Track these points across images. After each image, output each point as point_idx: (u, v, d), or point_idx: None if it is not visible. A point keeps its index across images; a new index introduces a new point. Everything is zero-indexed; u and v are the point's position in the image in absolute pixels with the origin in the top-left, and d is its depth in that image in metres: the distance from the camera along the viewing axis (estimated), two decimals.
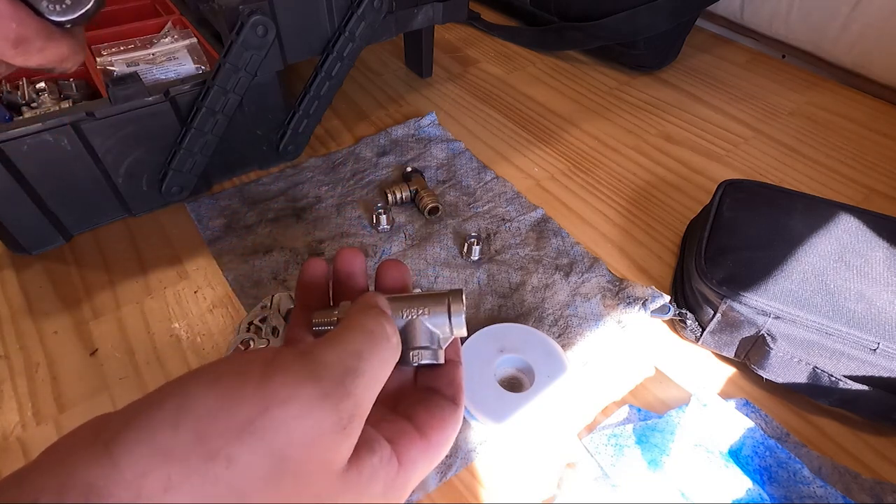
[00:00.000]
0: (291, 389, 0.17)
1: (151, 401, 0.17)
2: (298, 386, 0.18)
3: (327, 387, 0.18)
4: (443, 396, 0.25)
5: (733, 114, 0.77)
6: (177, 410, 0.17)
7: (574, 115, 0.77)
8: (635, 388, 0.46)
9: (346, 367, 0.19)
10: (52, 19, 0.27)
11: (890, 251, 0.47)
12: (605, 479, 0.39)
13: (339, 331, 0.21)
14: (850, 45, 0.80)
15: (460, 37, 0.96)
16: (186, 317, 0.50)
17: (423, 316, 0.25)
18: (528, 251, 0.56)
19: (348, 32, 0.60)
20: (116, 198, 0.57)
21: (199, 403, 0.17)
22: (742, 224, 0.50)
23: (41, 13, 0.27)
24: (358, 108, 0.77)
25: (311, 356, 0.19)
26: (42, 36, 0.27)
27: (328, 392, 0.18)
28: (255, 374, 0.18)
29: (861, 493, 0.39)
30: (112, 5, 0.74)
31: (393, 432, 0.22)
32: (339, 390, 0.18)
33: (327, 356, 0.19)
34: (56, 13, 0.27)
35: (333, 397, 0.18)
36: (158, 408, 0.17)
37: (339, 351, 0.20)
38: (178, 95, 0.53)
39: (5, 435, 0.42)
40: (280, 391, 0.17)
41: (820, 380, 0.42)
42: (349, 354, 0.20)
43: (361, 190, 0.63)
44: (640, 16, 0.77)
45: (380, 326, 0.21)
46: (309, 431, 0.17)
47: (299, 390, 0.17)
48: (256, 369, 0.18)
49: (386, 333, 0.21)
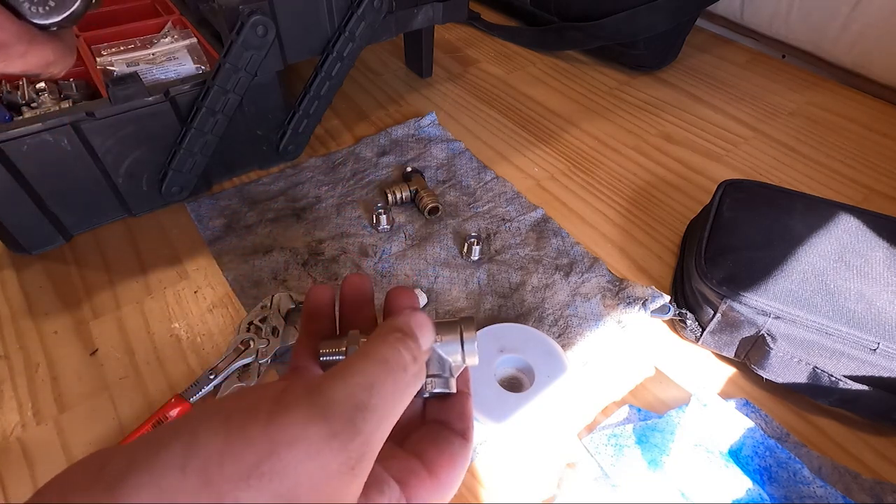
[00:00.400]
0: (299, 429, 0.17)
1: (158, 441, 0.17)
2: (306, 425, 0.17)
3: (336, 426, 0.17)
4: (452, 431, 0.24)
5: (733, 114, 0.77)
6: (184, 452, 0.16)
7: (574, 115, 0.77)
8: (635, 388, 0.46)
9: (356, 403, 0.18)
10: (34, 22, 0.26)
11: (890, 251, 0.47)
12: (605, 479, 0.39)
13: (352, 360, 0.20)
14: (850, 45, 0.80)
15: (460, 37, 0.96)
16: (186, 317, 0.50)
17: (435, 343, 0.24)
18: (528, 251, 0.56)
19: (348, 32, 0.60)
20: (116, 198, 0.57)
21: (206, 445, 0.16)
22: (742, 224, 0.50)
23: (23, 16, 0.25)
24: (358, 108, 0.77)
25: (319, 392, 0.18)
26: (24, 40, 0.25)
27: (337, 431, 0.17)
28: (263, 412, 0.17)
29: (861, 493, 0.39)
30: (112, 5, 0.74)
31: (402, 472, 0.21)
32: (348, 429, 0.17)
33: (337, 391, 0.18)
34: (39, 16, 0.25)
35: (342, 437, 0.17)
36: (165, 449, 0.16)
37: (349, 384, 0.18)
38: (178, 95, 0.53)
39: (5, 435, 0.42)
40: (287, 431, 0.17)
41: (820, 380, 0.42)
42: (360, 388, 0.18)
43: (361, 190, 0.63)
44: (640, 16, 0.77)
45: (396, 355, 0.20)
46: (317, 473, 0.17)
47: (307, 430, 0.17)
48: (265, 407, 0.17)
49: (402, 362, 0.20)
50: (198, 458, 0.16)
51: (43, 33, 0.26)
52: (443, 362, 0.24)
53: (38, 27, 0.26)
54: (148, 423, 0.41)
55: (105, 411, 0.43)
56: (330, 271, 0.54)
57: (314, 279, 0.53)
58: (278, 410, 0.17)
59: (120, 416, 0.43)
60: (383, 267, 0.54)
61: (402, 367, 0.20)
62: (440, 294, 0.52)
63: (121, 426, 0.43)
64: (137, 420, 0.42)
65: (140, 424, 0.41)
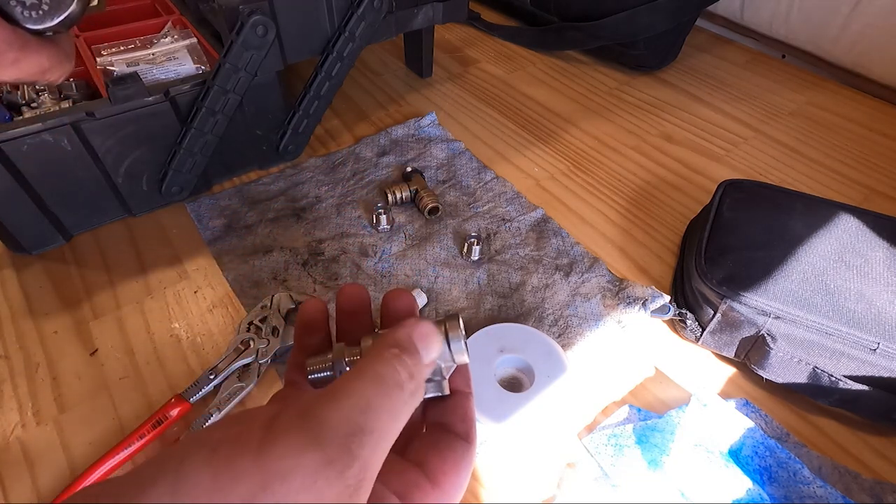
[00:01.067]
0: (292, 460, 0.16)
1: (143, 479, 0.16)
2: (299, 455, 0.16)
3: (331, 453, 0.16)
4: (455, 435, 0.23)
5: (733, 114, 0.77)
6: (172, 491, 0.15)
7: (574, 115, 0.77)
8: (635, 388, 0.46)
9: (351, 427, 0.17)
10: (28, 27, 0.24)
11: (890, 251, 0.47)
12: (605, 479, 0.39)
13: (346, 379, 0.19)
14: (850, 45, 0.80)
15: (460, 37, 0.96)
16: (186, 317, 0.50)
17: None
18: (528, 251, 0.56)
19: (348, 32, 0.60)
20: (116, 198, 0.57)
21: (194, 482, 0.15)
22: (742, 224, 0.50)
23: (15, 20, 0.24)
24: (358, 108, 0.77)
25: (311, 416, 0.17)
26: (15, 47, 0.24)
27: (332, 458, 0.16)
28: (254, 442, 0.16)
29: (861, 493, 0.39)
30: (112, 5, 0.74)
31: (403, 485, 0.20)
32: (344, 456, 0.16)
33: (331, 415, 0.17)
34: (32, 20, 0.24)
35: (338, 464, 0.16)
36: (152, 487, 0.15)
37: (343, 407, 0.18)
38: (178, 95, 0.53)
39: (5, 435, 0.42)
40: (280, 463, 0.16)
41: (820, 380, 0.42)
42: (356, 411, 0.18)
43: (361, 190, 0.63)
44: (640, 16, 0.77)
45: (392, 371, 0.19)
46: None
47: (301, 460, 0.16)
48: (255, 436, 0.17)
49: (398, 380, 0.19)
50: (186, 497, 0.15)
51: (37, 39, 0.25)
52: None
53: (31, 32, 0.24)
54: (148, 423, 0.41)
55: (105, 411, 0.43)
56: (330, 271, 0.54)
57: (314, 279, 0.53)
58: (269, 439, 0.16)
59: (120, 416, 0.43)
60: (383, 267, 0.54)
61: (399, 386, 0.19)
62: (440, 294, 0.52)
63: (121, 426, 0.43)
64: (137, 420, 0.42)
65: (140, 424, 0.41)
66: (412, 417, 0.22)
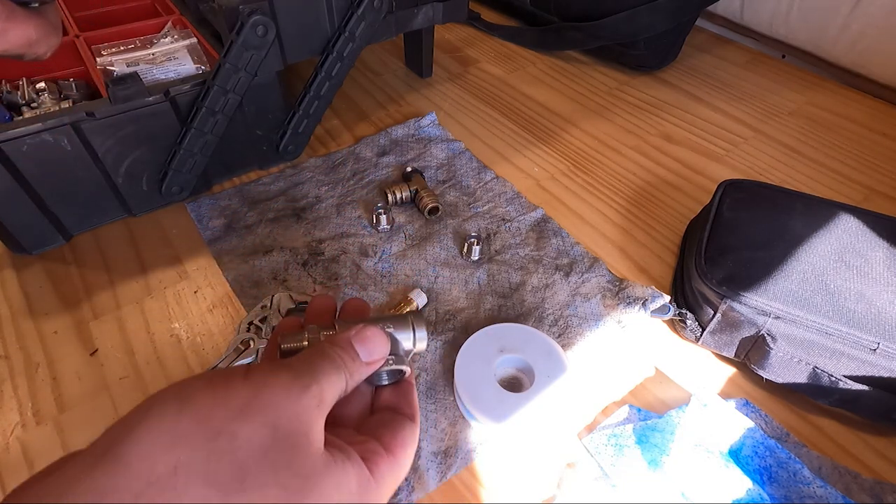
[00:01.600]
0: (272, 377, 0.21)
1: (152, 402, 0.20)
2: (276, 374, 0.21)
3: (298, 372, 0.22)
4: (403, 415, 0.27)
5: (733, 114, 0.77)
6: (178, 405, 0.19)
7: (574, 115, 0.77)
8: (635, 388, 0.46)
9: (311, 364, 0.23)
10: None
11: (890, 251, 0.47)
12: (605, 479, 0.39)
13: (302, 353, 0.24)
14: (850, 45, 0.80)
15: (460, 37, 0.96)
16: (186, 317, 0.50)
17: (389, 329, 0.29)
18: (528, 251, 0.56)
19: (348, 32, 0.60)
20: (116, 198, 0.57)
21: (197, 398, 0.19)
22: (742, 224, 0.50)
23: None
24: (358, 108, 0.77)
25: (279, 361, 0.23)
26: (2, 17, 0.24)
27: (299, 375, 0.22)
28: (239, 374, 0.21)
29: (861, 493, 0.39)
30: (112, 5, 0.74)
31: (364, 451, 0.23)
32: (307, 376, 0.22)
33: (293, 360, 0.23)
34: None
35: (305, 379, 0.22)
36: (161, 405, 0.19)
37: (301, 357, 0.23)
38: (178, 95, 0.53)
39: (5, 435, 0.42)
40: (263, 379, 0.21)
41: (820, 380, 0.42)
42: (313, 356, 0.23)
43: (361, 190, 0.63)
44: (640, 16, 0.77)
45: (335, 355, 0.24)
46: (292, 407, 0.20)
47: (278, 377, 0.21)
48: (239, 371, 0.21)
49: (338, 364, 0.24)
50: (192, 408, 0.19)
51: (24, 9, 0.25)
52: (396, 344, 0.29)
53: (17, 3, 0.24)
54: None
55: (105, 411, 0.43)
56: (330, 271, 0.54)
57: (314, 279, 0.53)
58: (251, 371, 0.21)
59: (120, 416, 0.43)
60: (383, 267, 0.54)
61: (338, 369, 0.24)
62: (440, 294, 0.52)
63: None
64: None
65: None
66: (363, 405, 0.28)
